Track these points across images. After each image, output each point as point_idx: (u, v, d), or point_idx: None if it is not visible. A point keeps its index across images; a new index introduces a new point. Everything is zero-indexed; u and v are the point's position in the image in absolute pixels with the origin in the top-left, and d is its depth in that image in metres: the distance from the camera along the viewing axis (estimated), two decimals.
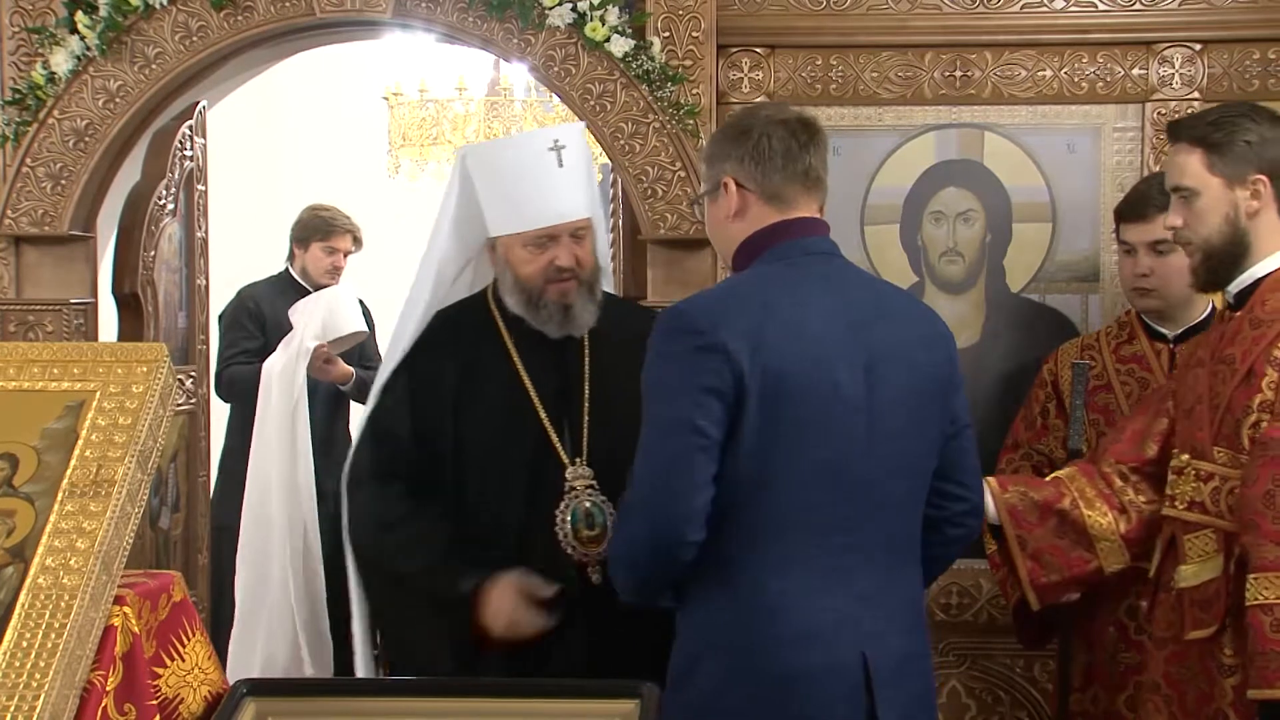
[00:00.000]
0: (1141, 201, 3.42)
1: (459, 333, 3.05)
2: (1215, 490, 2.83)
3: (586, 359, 3.06)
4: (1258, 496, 2.69)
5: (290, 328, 5.39)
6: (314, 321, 5.31)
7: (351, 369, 5.39)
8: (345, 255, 5.68)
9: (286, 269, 5.74)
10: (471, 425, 2.98)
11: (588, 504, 2.94)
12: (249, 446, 5.34)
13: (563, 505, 2.93)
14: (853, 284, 2.56)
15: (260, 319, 5.53)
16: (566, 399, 3.02)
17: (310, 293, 5.57)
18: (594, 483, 2.96)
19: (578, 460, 2.98)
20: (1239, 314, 2.88)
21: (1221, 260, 2.87)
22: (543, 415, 2.99)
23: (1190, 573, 2.86)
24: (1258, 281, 2.85)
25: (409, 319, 3.09)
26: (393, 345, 3.13)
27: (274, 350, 5.41)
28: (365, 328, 5.45)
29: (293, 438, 5.16)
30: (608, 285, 3.21)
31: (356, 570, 3.06)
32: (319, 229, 5.65)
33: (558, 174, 2.96)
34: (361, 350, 5.58)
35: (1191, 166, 2.87)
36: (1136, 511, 3.03)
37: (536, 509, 2.94)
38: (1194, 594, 2.84)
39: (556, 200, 2.96)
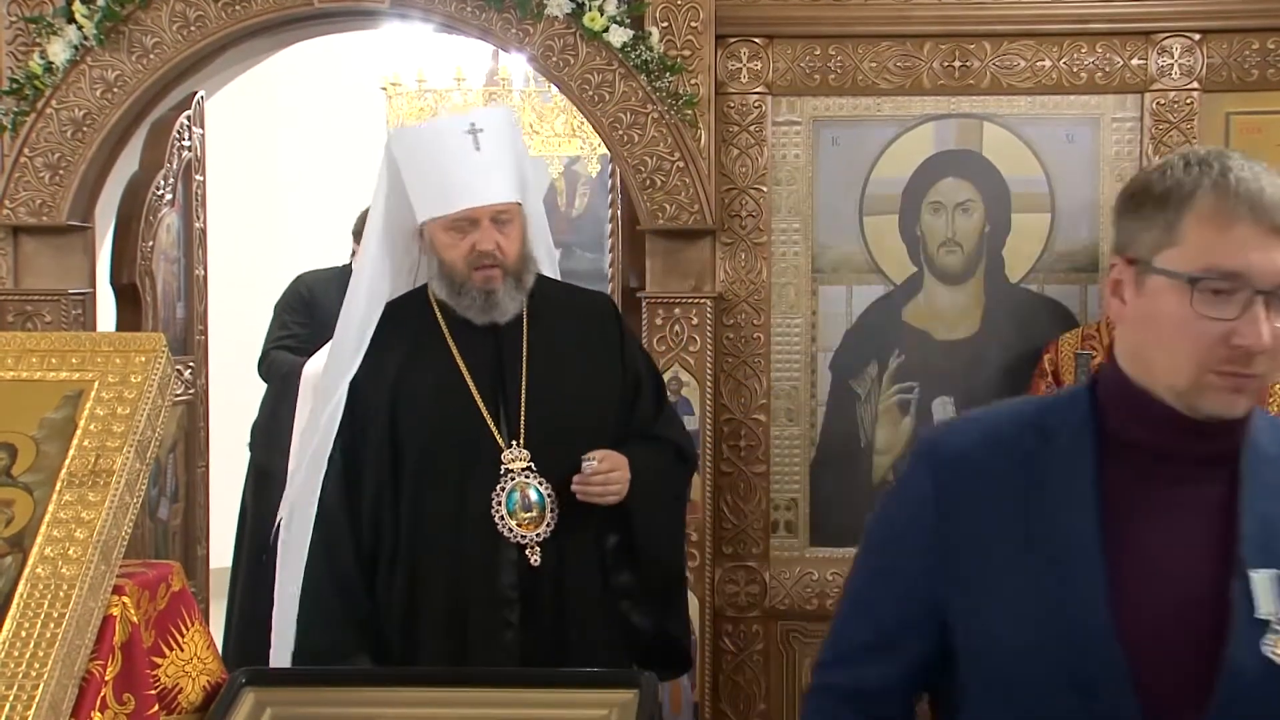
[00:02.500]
0: None
1: (398, 324, 3.05)
2: None
3: (525, 342, 3.03)
4: None
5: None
6: None
7: None
8: None
9: (350, 262, 5.79)
10: (407, 413, 2.98)
11: (524, 486, 2.93)
12: (277, 429, 5.43)
13: (498, 488, 2.93)
14: None
15: (311, 306, 5.59)
16: (503, 382, 3.00)
17: None
18: (531, 465, 2.95)
19: (514, 443, 2.96)
20: None
21: None
22: (478, 399, 2.97)
23: None
24: None
25: (352, 314, 3.10)
26: (338, 337, 3.13)
27: (321, 340, 5.47)
28: None
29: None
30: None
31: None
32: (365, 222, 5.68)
33: (474, 157, 2.94)
34: None
35: None
36: None
37: (473, 492, 2.93)
38: None
39: (471, 184, 2.94)
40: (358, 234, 5.71)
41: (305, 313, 5.57)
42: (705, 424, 3.90)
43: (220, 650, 5.71)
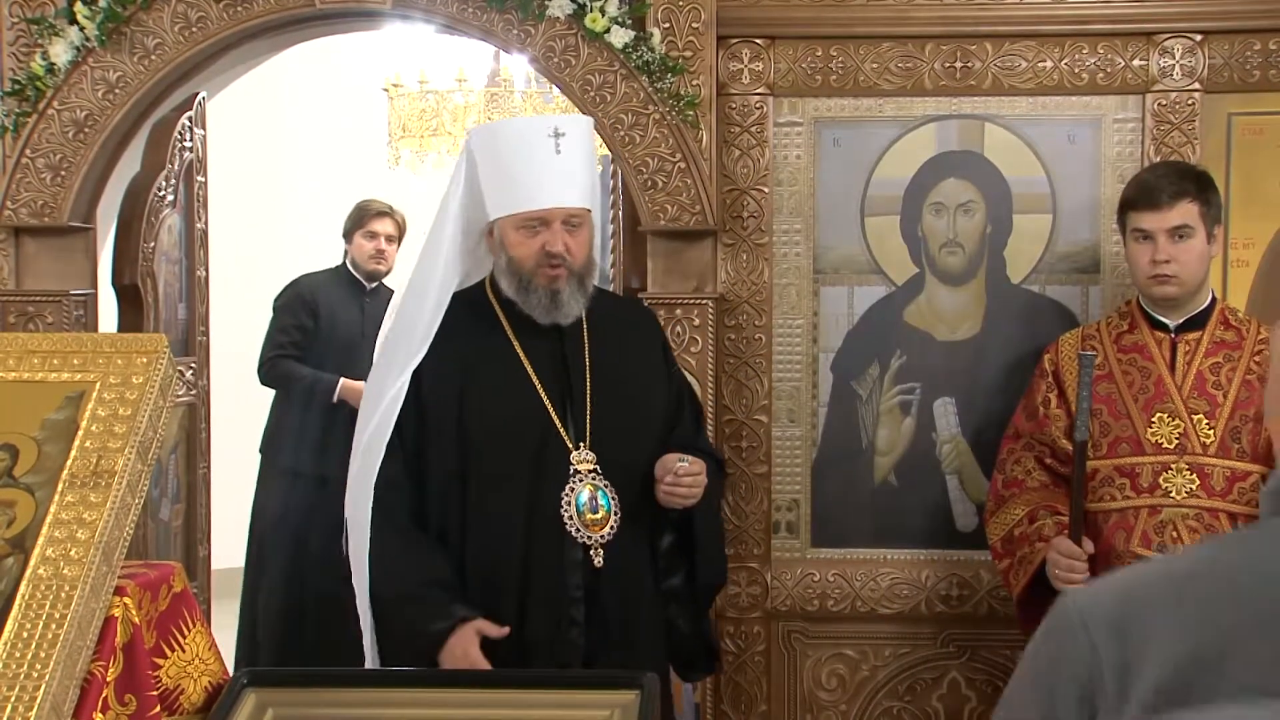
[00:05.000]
0: (1155, 189, 3.41)
1: (461, 318, 3.07)
2: None
3: (585, 345, 3.09)
4: None
5: (343, 317, 5.71)
6: None
7: None
8: (388, 239, 5.84)
9: (344, 262, 5.96)
10: (476, 408, 3.01)
11: (592, 488, 2.98)
12: (288, 435, 5.64)
13: (568, 488, 2.97)
14: None
15: (314, 307, 5.78)
16: (568, 385, 3.06)
17: (360, 281, 5.82)
18: (597, 467, 3.00)
19: (582, 445, 3.01)
20: None
21: None
22: (546, 400, 3.02)
23: None
24: None
25: (420, 303, 3.07)
26: (400, 327, 3.12)
27: (324, 339, 5.68)
28: None
29: None
30: (603, 279, 3.25)
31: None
32: (356, 219, 5.87)
33: (554, 160, 2.98)
34: None
35: None
36: None
37: (543, 492, 2.98)
38: None
39: (550, 185, 2.99)
40: (347, 234, 5.87)
41: (308, 315, 5.70)
42: (707, 425, 3.90)
43: (235, 644, 5.80)
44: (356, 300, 5.80)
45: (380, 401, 3.03)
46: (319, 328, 5.71)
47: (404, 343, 3.07)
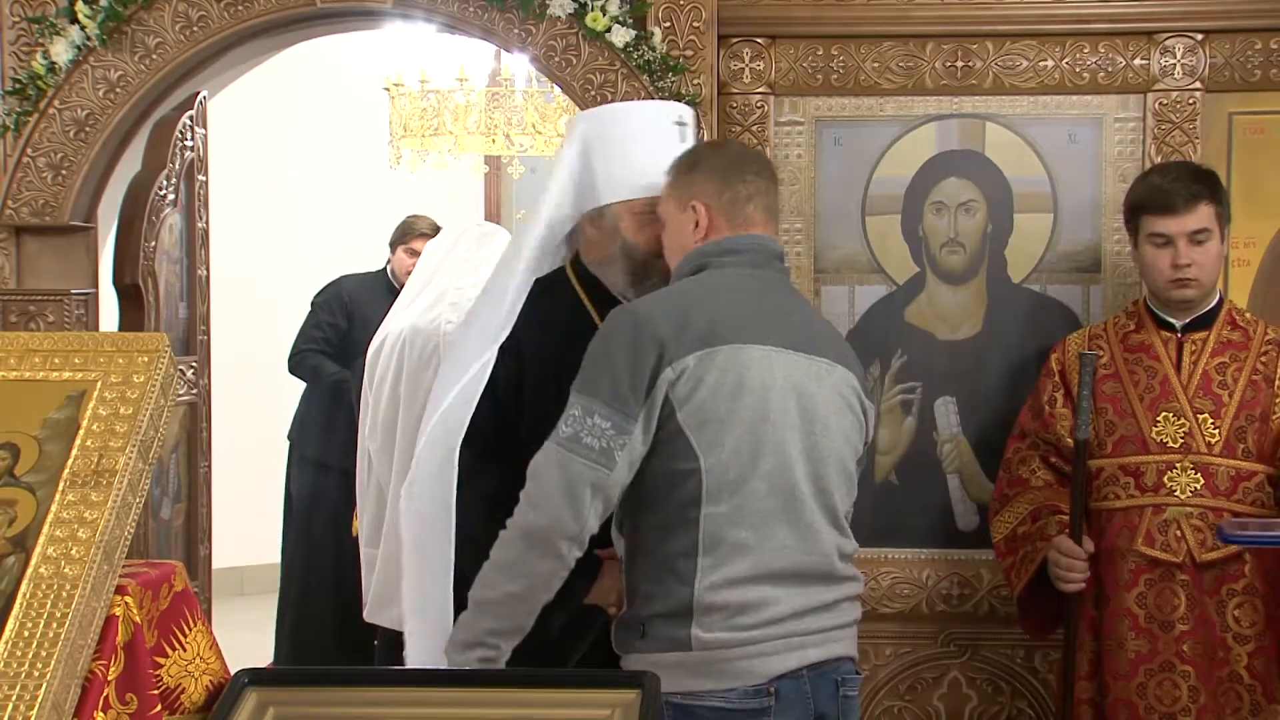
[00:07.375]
0: (1171, 193, 3.40)
1: (548, 305, 3.01)
2: None
3: None
4: None
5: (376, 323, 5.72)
6: None
7: None
8: None
9: (384, 268, 6.14)
10: None
11: None
12: (316, 426, 5.81)
13: None
14: None
15: (349, 310, 5.96)
16: None
17: (398, 291, 5.79)
18: None
19: None
20: None
21: None
22: None
23: None
24: None
25: (506, 282, 2.99)
26: (483, 306, 3.03)
27: (355, 340, 5.72)
28: None
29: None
30: None
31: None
32: (400, 233, 6.05)
33: (679, 149, 2.93)
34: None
35: None
36: None
37: None
38: None
39: None
40: (391, 245, 6.01)
41: (343, 316, 5.89)
42: None
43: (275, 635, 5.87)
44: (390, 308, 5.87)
45: (463, 373, 2.92)
46: (352, 329, 5.85)
47: (487, 324, 2.97)
